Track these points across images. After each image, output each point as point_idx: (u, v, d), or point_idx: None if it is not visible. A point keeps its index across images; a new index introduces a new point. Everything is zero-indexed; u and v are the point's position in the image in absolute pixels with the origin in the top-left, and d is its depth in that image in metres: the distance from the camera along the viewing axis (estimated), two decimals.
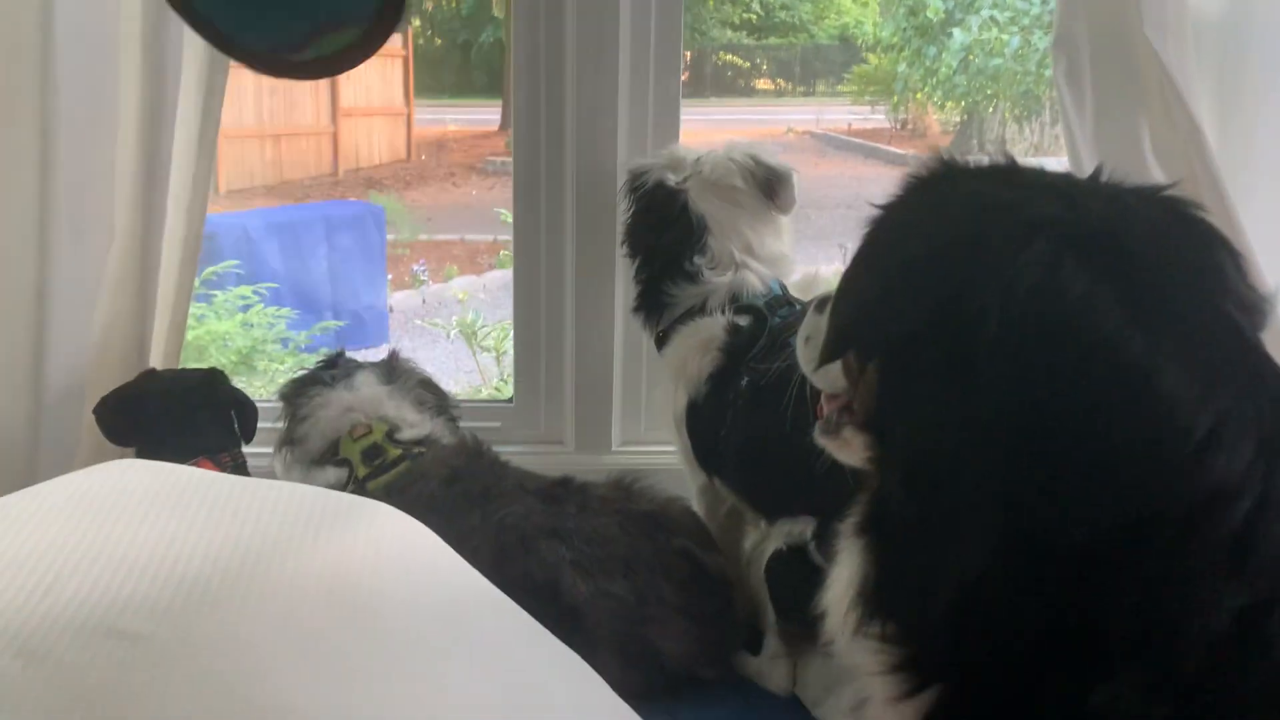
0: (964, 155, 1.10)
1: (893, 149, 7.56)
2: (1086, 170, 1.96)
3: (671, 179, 2.01)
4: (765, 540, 1.86)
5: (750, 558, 1.95)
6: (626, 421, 2.40)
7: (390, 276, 5.97)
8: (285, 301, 4.62)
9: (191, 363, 2.40)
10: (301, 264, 5.39)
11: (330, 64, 1.07)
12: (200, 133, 2.00)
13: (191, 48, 1.93)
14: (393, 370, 2.13)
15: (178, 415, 1.90)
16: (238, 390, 2.03)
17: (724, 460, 1.90)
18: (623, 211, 2.09)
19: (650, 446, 2.37)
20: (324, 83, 7.36)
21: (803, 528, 1.70)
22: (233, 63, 1.70)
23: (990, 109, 5.28)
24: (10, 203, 1.88)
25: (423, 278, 6.07)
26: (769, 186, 2.01)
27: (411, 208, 7.28)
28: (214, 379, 1.99)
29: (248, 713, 1.04)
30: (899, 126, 7.41)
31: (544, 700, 1.39)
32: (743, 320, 1.90)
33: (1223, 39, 2.00)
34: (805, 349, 1.23)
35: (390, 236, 6.20)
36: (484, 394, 4.21)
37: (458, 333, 4.48)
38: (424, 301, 5.94)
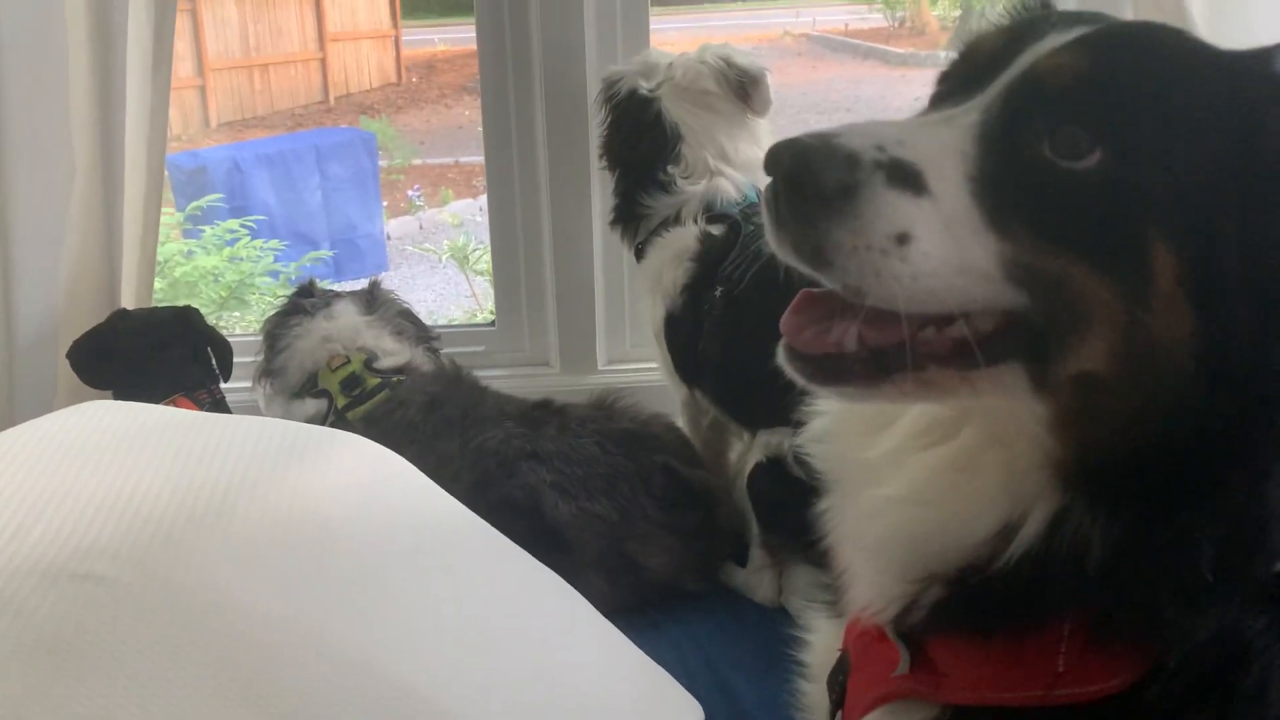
0: None
1: (891, 48, 7.40)
2: None
3: (644, 86, 1.95)
4: (749, 453, 1.85)
5: (735, 470, 1.94)
6: (611, 339, 2.37)
7: (385, 203, 5.92)
8: (277, 234, 4.59)
9: (183, 299, 2.39)
10: (294, 195, 5.35)
11: None
12: (154, 60, 1.94)
13: None
14: (372, 300, 2.10)
15: (151, 355, 1.89)
16: (211, 327, 2.00)
17: (702, 372, 1.88)
18: (598, 123, 2.04)
19: (637, 364, 2.35)
20: (309, 8, 7.24)
21: (781, 439, 1.68)
22: None
23: (986, 2, 5.13)
24: None
25: (418, 203, 6.03)
26: (742, 89, 1.96)
27: (404, 132, 7.20)
28: (187, 316, 1.97)
29: (210, 643, 1.05)
30: (897, 24, 7.23)
31: (522, 617, 1.39)
32: (716, 229, 1.86)
33: None
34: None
35: (383, 162, 6.14)
36: (479, 318, 4.19)
37: (449, 257, 4.45)
38: (420, 227, 5.91)
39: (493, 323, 2.43)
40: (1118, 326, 0.72)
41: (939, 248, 0.71)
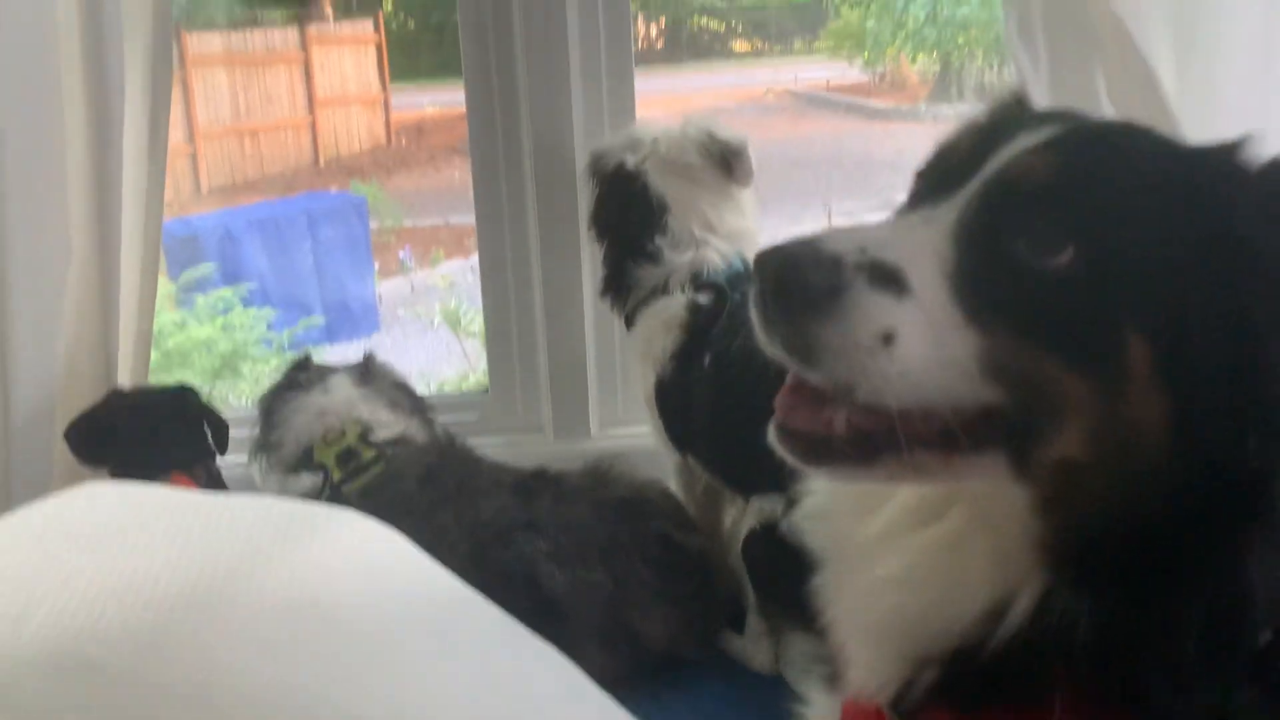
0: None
1: (873, 103, 7.52)
2: None
3: (630, 160, 1.99)
4: (743, 518, 1.86)
5: (730, 536, 1.95)
6: (604, 405, 2.39)
7: (377, 265, 5.95)
8: (269, 300, 4.61)
9: (176, 370, 2.40)
10: (286, 260, 5.37)
11: None
12: (150, 142, 1.97)
13: (133, 55, 1.91)
14: (367, 373, 2.12)
15: (148, 433, 1.90)
16: (207, 404, 2.02)
17: (694, 438, 1.90)
18: (587, 195, 2.08)
19: (630, 429, 2.36)
20: (298, 74, 7.33)
21: (775, 505, 1.69)
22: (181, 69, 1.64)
23: (963, 58, 5.23)
24: None
25: (409, 264, 6.06)
26: (725, 161, 2.00)
27: (394, 194, 7.26)
28: (183, 394, 1.99)
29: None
30: (878, 80, 7.36)
31: (522, 695, 1.40)
32: (704, 298, 1.89)
33: None
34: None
35: (374, 225, 6.18)
36: (471, 379, 4.20)
37: (441, 320, 4.47)
38: (412, 288, 5.94)
39: (486, 390, 2.45)
40: (1094, 417, 0.74)
41: (923, 346, 0.74)
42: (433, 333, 5.05)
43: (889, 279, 0.75)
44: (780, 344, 0.76)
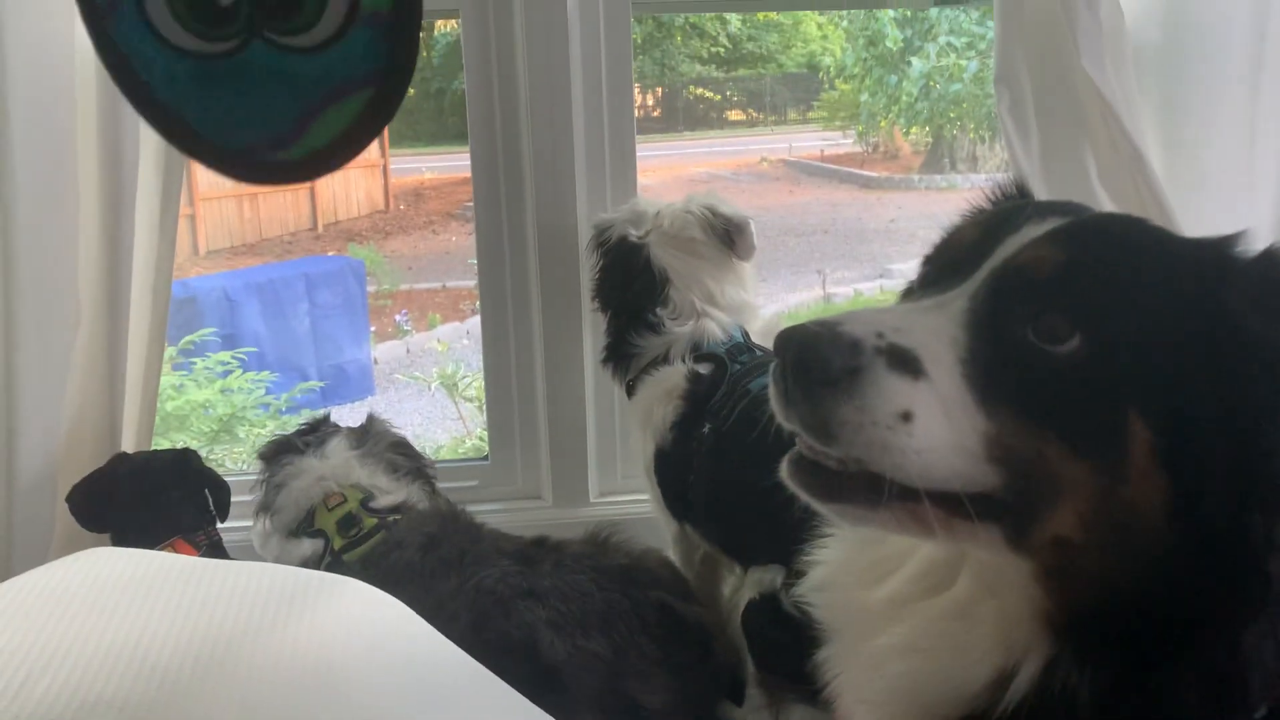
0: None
1: (866, 172, 7.64)
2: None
3: (633, 233, 2.04)
4: (742, 588, 1.86)
5: (729, 606, 1.96)
6: (603, 472, 2.41)
7: (374, 328, 5.99)
8: (266, 363, 4.62)
9: (174, 433, 2.41)
10: (282, 323, 5.40)
11: (314, 162, 0.97)
12: (161, 214, 2.01)
13: (149, 129, 1.95)
14: (365, 434, 2.13)
15: (150, 498, 1.91)
16: (209, 469, 2.03)
17: (693, 507, 1.92)
18: (590, 267, 2.12)
19: (628, 496, 2.38)
20: None
21: (774, 575, 1.70)
22: None
23: (955, 130, 5.35)
24: None
25: (406, 328, 6.09)
26: (727, 235, 2.05)
27: (392, 258, 7.31)
28: (185, 459, 2.00)
29: None
30: (871, 150, 7.49)
31: None
32: (704, 368, 1.92)
33: (1163, 64, 2.03)
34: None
35: (371, 288, 6.22)
36: (468, 444, 4.21)
37: (439, 385, 4.49)
38: (408, 351, 5.96)
39: (486, 456, 2.46)
40: (1092, 499, 0.78)
41: (938, 426, 0.78)
42: (429, 396, 5.06)
43: (906, 362, 0.78)
44: (799, 421, 0.80)
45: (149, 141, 1.97)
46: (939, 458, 0.78)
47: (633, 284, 2.02)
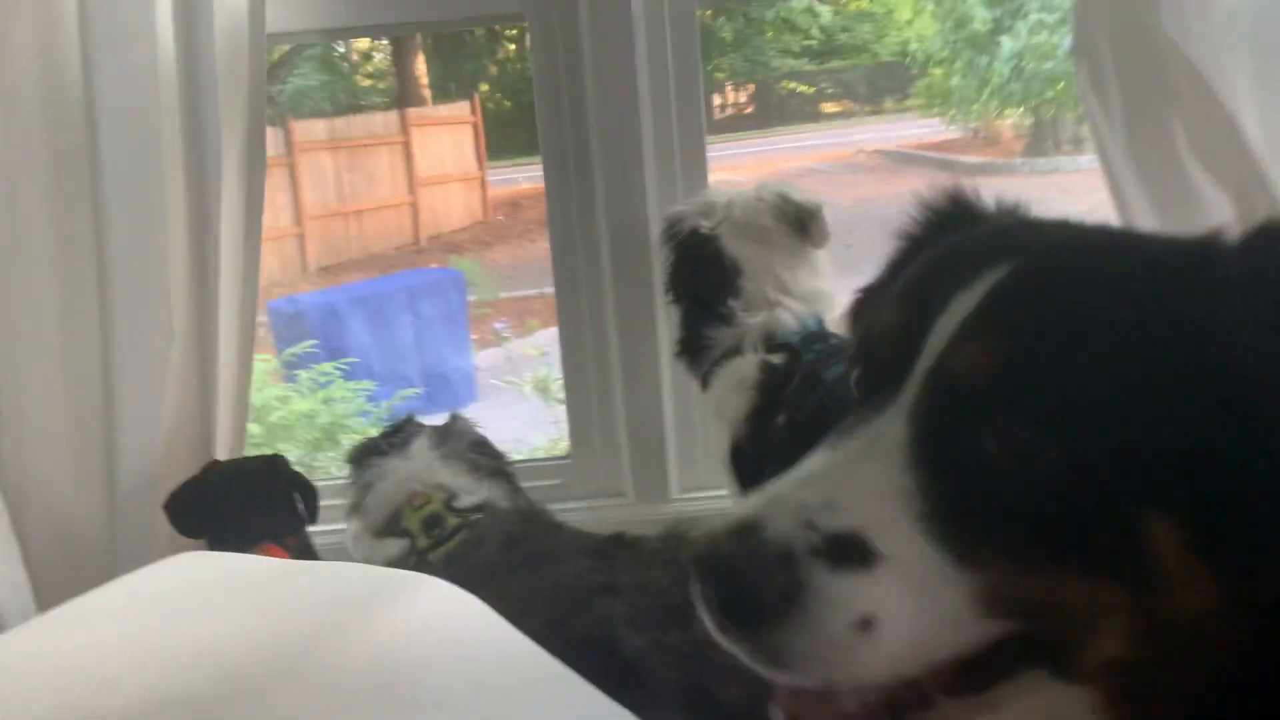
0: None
1: (966, 158, 7.45)
2: (1120, 175, 1.93)
3: (705, 225, 2.03)
4: None
5: None
6: (684, 467, 2.40)
7: (475, 337, 6.09)
8: (370, 373, 4.74)
9: (280, 443, 2.49)
10: (387, 334, 5.54)
11: None
12: (245, 228, 2.09)
13: (230, 148, 2.02)
14: (447, 434, 2.17)
15: (241, 503, 1.97)
16: (298, 473, 2.09)
17: None
18: (663, 259, 2.12)
19: (711, 491, 2.36)
20: (399, 157, 7.62)
21: None
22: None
23: (1054, 111, 5.17)
24: (72, 306, 2.00)
25: (505, 335, 6.18)
26: (800, 223, 2.02)
27: (491, 267, 7.43)
28: (274, 465, 2.06)
29: None
30: (971, 136, 7.30)
31: None
32: (777, 358, 1.90)
33: (1256, 25, 1.92)
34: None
35: (472, 297, 6.32)
36: (561, 444, 4.24)
37: (533, 389, 4.54)
38: (509, 357, 6.05)
39: (568, 455, 2.48)
40: (1134, 615, 0.64)
41: (909, 616, 0.63)
42: (527, 401, 5.13)
43: (851, 553, 0.63)
44: (743, 653, 0.67)
45: (232, 157, 2.04)
46: (921, 651, 0.64)
47: (704, 275, 2.01)
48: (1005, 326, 0.66)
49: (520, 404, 5.22)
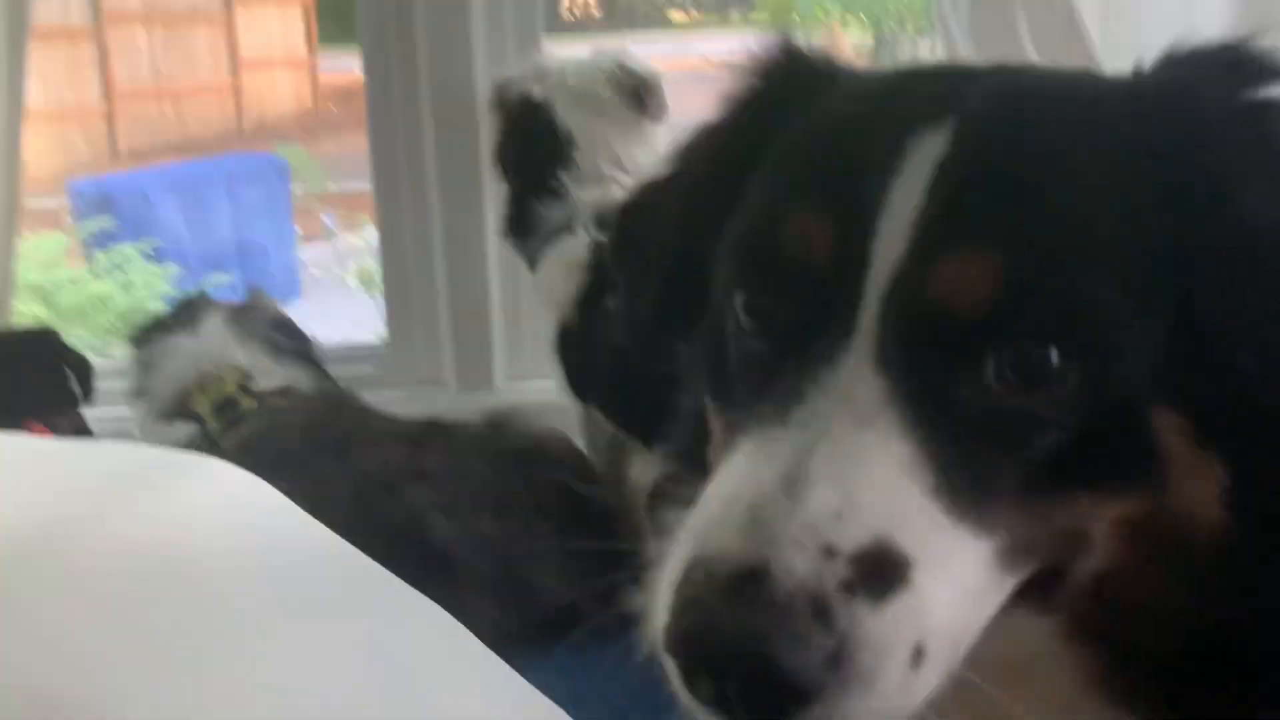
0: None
1: None
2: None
3: (537, 91, 1.90)
4: (648, 471, 1.78)
5: (635, 490, 1.87)
6: (510, 355, 2.29)
7: (300, 230, 5.82)
8: (179, 259, 4.45)
9: (73, 329, 2.27)
10: (203, 221, 5.22)
11: None
12: (8, 71, 1.83)
13: None
14: (245, 313, 2.00)
15: (3, 378, 1.76)
16: (70, 347, 1.89)
17: (597, 387, 1.82)
18: (491, 130, 1.98)
19: (538, 383, 2.26)
20: (220, 35, 7.12)
21: None
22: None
23: (894, 26, 5.21)
24: None
25: (333, 230, 5.94)
26: (637, 95, 1.92)
27: (320, 158, 7.09)
28: (43, 337, 1.86)
29: (37, 708, 0.95)
30: None
31: (396, 656, 1.31)
32: (609, 237, 1.80)
33: None
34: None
35: (299, 189, 6.04)
36: None
37: (356, 281, 4.36)
38: (336, 253, 5.80)
39: (384, 341, 2.33)
40: (1132, 524, 0.56)
41: (950, 619, 0.52)
42: (353, 299, 4.93)
43: (888, 572, 0.50)
44: None
45: None
46: (963, 648, 0.53)
47: (535, 147, 1.89)
48: (985, 228, 0.53)
49: (346, 301, 5.02)
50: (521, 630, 1.62)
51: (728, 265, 0.62)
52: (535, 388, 2.26)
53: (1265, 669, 0.58)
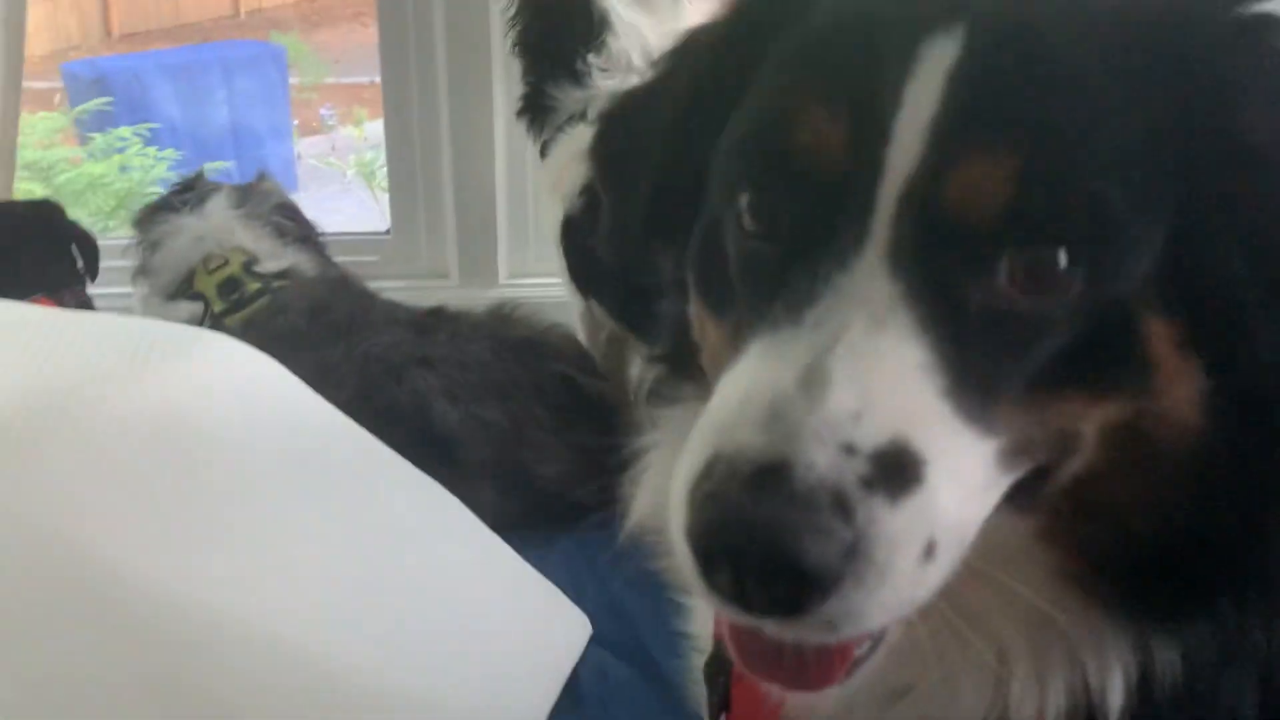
0: None
1: None
2: None
3: None
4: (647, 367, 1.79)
5: (634, 385, 1.88)
6: (514, 250, 2.28)
7: (297, 122, 5.72)
8: (175, 144, 4.39)
9: (71, 208, 2.23)
10: (197, 108, 5.13)
11: None
12: None
13: None
14: (249, 194, 1.99)
15: (8, 251, 1.76)
16: (76, 224, 1.88)
17: (599, 281, 1.82)
18: (518, 6, 1.88)
19: (541, 278, 2.26)
20: None
21: None
22: None
23: None
24: None
25: (331, 122, 5.84)
26: None
27: (318, 49, 6.94)
28: (48, 212, 1.84)
29: (51, 560, 0.97)
30: None
31: (402, 531, 1.33)
32: None
33: None
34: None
35: (295, 80, 5.92)
36: None
37: (355, 173, 4.30)
38: (334, 147, 5.73)
39: (387, 231, 2.32)
40: (1117, 426, 0.58)
41: (958, 517, 0.54)
42: (352, 193, 4.88)
43: (906, 470, 0.51)
44: (791, 633, 0.54)
45: None
46: (965, 546, 0.55)
47: (564, 24, 1.81)
48: (1003, 132, 0.54)
49: (345, 197, 4.97)
50: (523, 516, 1.66)
51: (732, 166, 0.62)
52: (538, 284, 2.26)
53: (1227, 567, 0.61)
